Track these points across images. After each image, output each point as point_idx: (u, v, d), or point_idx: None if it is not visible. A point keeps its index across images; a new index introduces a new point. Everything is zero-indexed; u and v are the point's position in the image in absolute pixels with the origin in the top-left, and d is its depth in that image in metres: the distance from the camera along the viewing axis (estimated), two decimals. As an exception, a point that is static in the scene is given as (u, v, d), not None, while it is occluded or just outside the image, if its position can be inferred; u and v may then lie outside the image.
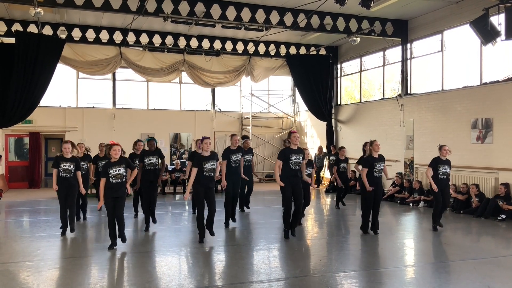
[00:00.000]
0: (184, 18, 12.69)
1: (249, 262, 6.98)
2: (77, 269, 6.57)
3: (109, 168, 7.35)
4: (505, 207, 10.46)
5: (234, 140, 10.07)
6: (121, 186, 7.47)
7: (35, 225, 10.28)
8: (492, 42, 10.50)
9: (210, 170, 7.89)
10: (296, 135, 8.26)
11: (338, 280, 6.05)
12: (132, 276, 6.24)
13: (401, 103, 14.72)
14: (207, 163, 7.85)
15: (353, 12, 13.80)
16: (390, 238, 8.70)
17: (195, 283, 5.91)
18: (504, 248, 8.25)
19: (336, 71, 18.64)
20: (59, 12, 13.82)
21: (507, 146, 11.19)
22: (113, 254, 7.35)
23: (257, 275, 6.24)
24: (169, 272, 6.42)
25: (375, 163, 8.72)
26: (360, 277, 6.18)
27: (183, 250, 7.75)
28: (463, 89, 12.61)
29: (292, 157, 8.09)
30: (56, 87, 17.04)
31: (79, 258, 7.13)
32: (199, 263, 6.94)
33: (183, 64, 17.43)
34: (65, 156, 8.65)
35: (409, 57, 14.79)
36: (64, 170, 8.60)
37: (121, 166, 7.43)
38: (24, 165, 17.69)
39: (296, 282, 5.95)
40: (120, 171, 7.40)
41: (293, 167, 8.12)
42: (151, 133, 18.83)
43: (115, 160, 7.43)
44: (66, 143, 8.81)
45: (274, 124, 21.13)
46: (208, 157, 7.88)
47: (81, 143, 11.08)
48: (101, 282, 6.00)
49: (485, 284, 5.77)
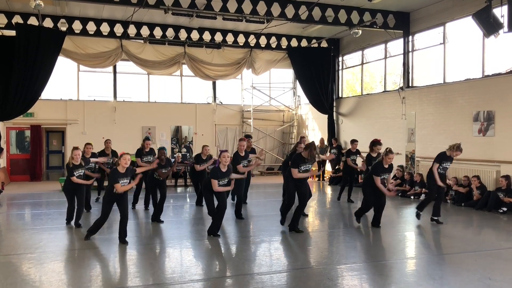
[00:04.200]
0: (185, 10, 12.64)
1: (250, 254, 7.00)
2: (79, 261, 6.60)
3: (118, 178, 7.39)
4: (506, 199, 10.46)
5: (241, 145, 9.87)
6: (125, 193, 7.57)
7: (37, 217, 10.31)
8: (495, 34, 10.44)
9: (224, 185, 8.06)
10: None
11: (339, 272, 6.07)
12: (134, 268, 6.26)
13: (403, 96, 14.68)
14: (222, 180, 8.00)
15: (355, 4, 13.73)
16: (391, 230, 8.71)
17: (197, 276, 5.92)
18: (504, 240, 8.26)
19: (337, 64, 18.57)
20: (59, 5, 13.77)
21: (509, 139, 11.17)
22: (116, 246, 7.36)
23: (259, 267, 6.26)
24: (170, 264, 6.44)
25: (382, 173, 8.61)
26: (361, 269, 6.19)
27: (185, 242, 7.77)
28: (465, 81, 12.56)
29: (302, 166, 8.21)
30: (57, 80, 17.00)
31: (81, 251, 7.15)
32: (201, 255, 6.96)
33: (184, 57, 17.37)
34: (75, 163, 8.83)
35: (411, 49, 14.72)
36: (78, 176, 8.82)
37: (127, 179, 7.51)
38: (26, 158, 17.72)
39: (298, 274, 5.97)
40: (126, 183, 7.50)
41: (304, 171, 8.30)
42: (152, 125, 18.89)
43: (123, 170, 7.45)
44: (76, 150, 8.93)
45: (275, 117, 21.10)
46: (224, 173, 8.00)
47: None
48: (103, 274, 6.03)
49: (485, 276, 5.79)
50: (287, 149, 21.02)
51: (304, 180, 8.38)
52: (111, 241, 7.71)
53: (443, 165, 9.07)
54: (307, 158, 8.17)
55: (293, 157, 8.67)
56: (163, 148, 9.79)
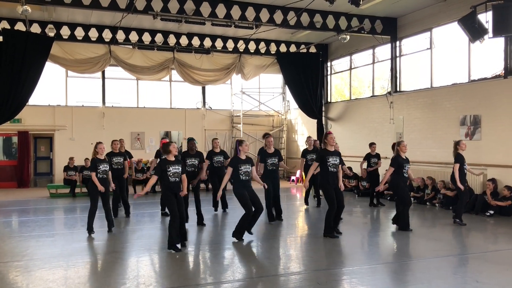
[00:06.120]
0: (173, 16, 12.64)
1: (236, 260, 6.99)
2: (67, 269, 6.53)
3: (168, 166, 7.26)
4: (493, 202, 10.58)
5: (269, 141, 9.82)
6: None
7: (24, 224, 10.19)
8: (480, 40, 10.59)
9: (246, 173, 7.97)
10: (333, 135, 8.37)
11: (329, 277, 6.08)
12: (123, 275, 6.22)
13: (391, 100, 14.81)
14: (243, 166, 7.94)
15: (343, 10, 13.84)
16: (379, 234, 8.76)
17: (169, 283, 5.90)
18: (492, 243, 8.35)
19: (326, 69, 18.69)
20: (47, 10, 13.69)
21: (495, 142, 11.32)
22: (105, 252, 7.30)
23: (248, 273, 6.24)
24: (145, 273, 6.40)
25: (404, 164, 8.78)
26: (351, 274, 6.21)
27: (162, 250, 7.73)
28: (452, 86, 12.71)
29: (330, 159, 8.14)
30: (45, 86, 16.91)
31: (69, 258, 7.07)
32: (185, 263, 6.93)
33: (173, 62, 17.36)
34: (100, 158, 8.64)
35: (398, 54, 14.87)
36: (102, 171, 8.63)
37: (179, 166, 7.40)
38: (13, 164, 17.53)
39: (288, 279, 5.97)
40: (178, 169, 7.37)
41: (331, 169, 8.15)
42: (141, 131, 18.82)
43: (173, 158, 7.36)
44: (100, 144, 8.76)
45: (265, 122, 21.15)
46: (244, 160, 7.98)
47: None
48: (90, 281, 5.97)
49: (473, 279, 5.84)
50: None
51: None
52: (100, 248, 7.65)
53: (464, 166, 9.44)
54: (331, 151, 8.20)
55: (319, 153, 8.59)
56: (192, 139, 9.71)
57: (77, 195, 14.73)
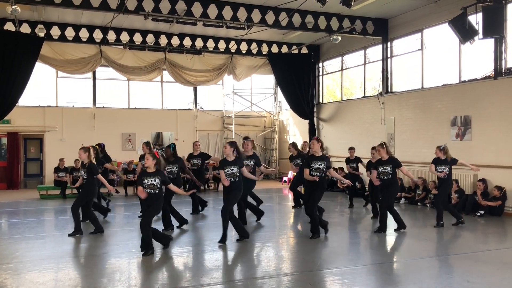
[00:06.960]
0: (165, 16, 12.58)
1: (228, 261, 6.97)
2: (57, 271, 6.46)
3: (144, 178, 7.26)
4: (483, 203, 10.66)
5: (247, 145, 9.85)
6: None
7: (14, 226, 10.06)
8: (470, 41, 10.68)
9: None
10: (314, 141, 8.44)
11: (321, 278, 6.08)
12: (114, 277, 6.17)
13: (382, 101, 14.86)
14: (228, 168, 7.90)
15: (334, 11, 13.87)
16: (371, 234, 8.77)
17: (160, 285, 5.87)
18: (482, 243, 8.41)
19: (317, 70, 18.72)
20: (37, 10, 13.57)
21: (485, 143, 11.40)
22: (95, 254, 7.25)
23: (240, 274, 6.23)
24: (136, 275, 6.36)
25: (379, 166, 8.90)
26: (343, 274, 6.20)
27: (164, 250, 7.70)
28: (443, 87, 12.79)
29: (313, 164, 8.23)
30: (34, 86, 16.75)
31: (59, 260, 7.00)
32: (177, 264, 6.90)
33: (164, 63, 17.30)
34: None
35: (390, 55, 14.93)
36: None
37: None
38: (2, 166, 17.34)
39: (280, 280, 5.96)
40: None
41: (313, 173, 8.23)
42: (132, 132, 18.72)
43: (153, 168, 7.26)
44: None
45: (257, 122, 21.14)
46: (231, 162, 7.92)
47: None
48: (82, 283, 5.92)
49: (464, 279, 5.87)
50: (268, 154, 21.09)
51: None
52: (90, 250, 7.59)
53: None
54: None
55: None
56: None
57: (68, 196, 14.61)
